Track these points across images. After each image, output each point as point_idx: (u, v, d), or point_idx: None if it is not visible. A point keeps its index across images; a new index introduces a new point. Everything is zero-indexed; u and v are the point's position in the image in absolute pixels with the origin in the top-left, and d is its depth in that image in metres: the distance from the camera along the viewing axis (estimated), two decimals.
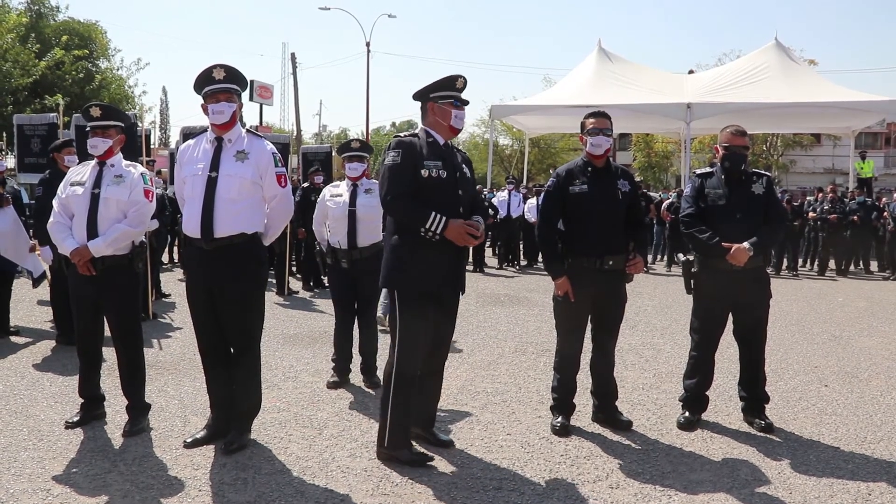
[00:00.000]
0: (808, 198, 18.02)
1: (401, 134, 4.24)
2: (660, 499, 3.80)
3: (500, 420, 5.00)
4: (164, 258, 12.41)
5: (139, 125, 9.20)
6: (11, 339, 7.23)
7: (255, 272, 4.37)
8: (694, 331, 5.02)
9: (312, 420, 4.93)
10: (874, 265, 15.67)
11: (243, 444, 4.34)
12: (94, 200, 4.56)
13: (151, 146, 11.89)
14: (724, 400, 5.42)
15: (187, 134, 8.34)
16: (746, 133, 4.96)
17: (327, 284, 9.61)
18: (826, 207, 15.49)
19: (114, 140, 4.67)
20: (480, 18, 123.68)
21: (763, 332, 4.98)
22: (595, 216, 4.66)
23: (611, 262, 4.66)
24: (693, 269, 4.96)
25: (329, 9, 36.93)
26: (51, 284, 7.59)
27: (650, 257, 16.05)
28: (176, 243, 13.68)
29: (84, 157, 6.73)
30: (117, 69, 30.25)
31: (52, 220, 4.69)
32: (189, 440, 4.40)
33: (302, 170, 13.42)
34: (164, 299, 9.76)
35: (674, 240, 14.60)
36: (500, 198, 16.21)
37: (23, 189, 9.41)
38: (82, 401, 4.80)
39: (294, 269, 12.03)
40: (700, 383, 4.96)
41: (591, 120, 4.76)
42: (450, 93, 4.27)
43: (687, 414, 4.96)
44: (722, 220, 4.77)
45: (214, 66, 4.26)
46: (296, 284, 11.28)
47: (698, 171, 5.07)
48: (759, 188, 4.85)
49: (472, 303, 10.14)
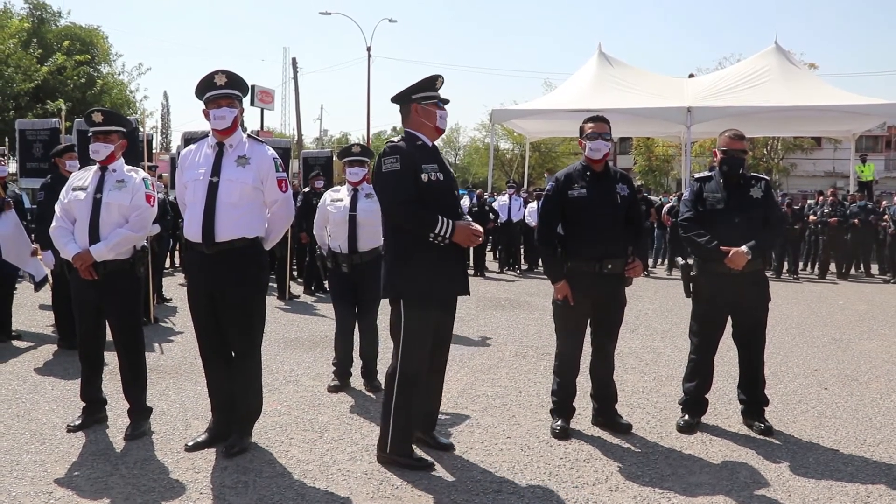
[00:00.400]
0: (808, 201, 18.03)
1: (394, 140, 4.24)
2: (659, 501, 3.81)
3: (500, 423, 5.02)
4: (166, 263, 12.42)
5: (141, 130, 9.23)
6: (13, 343, 7.27)
7: (256, 276, 4.39)
8: (693, 334, 5.03)
9: (313, 423, 4.95)
10: (875, 268, 15.68)
11: (244, 447, 4.36)
12: (96, 205, 4.58)
13: (153, 151, 11.90)
14: (724, 403, 5.43)
15: (189, 139, 8.37)
16: (744, 137, 4.98)
17: (328, 288, 9.65)
18: (826, 211, 15.50)
19: (115, 145, 4.70)
20: (480, 22, 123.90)
21: (762, 335, 4.99)
22: (594, 220, 4.67)
23: (610, 266, 4.68)
24: (692, 273, 4.98)
25: (330, 13, 37.21)
26: (52, 289, 7.62)
27: (651, 261, 16.05)
28: (177, 248, 13.73)
29: (85, 161, 6.78)
30: (119, 74, 30.45)
31: (54, 224, 4.71)
32: (190, 443, 4.42)
33: (303, 174, 13.45)
34: (165, 304, 9.80)
35: (674, 244, 14.60)
36: (500, 202, 16.21)
37: (24, 193, 9.45)
38: (84, 404, 4.82)
39: (295, 273, 12.05)
40: (699, 386, 4.98)
41: (590, 124, 4.79)
42: (432, 93, 4.27)
43: (686, 417, 4.97)
44: (720, 224, 4.78)
45: (216, 72, 4.29)
46: (297, 289, 11.31)
47: (697, 175, 5.09)
48: (757, 192, 4.86)
49: (472, 307, 10.15)
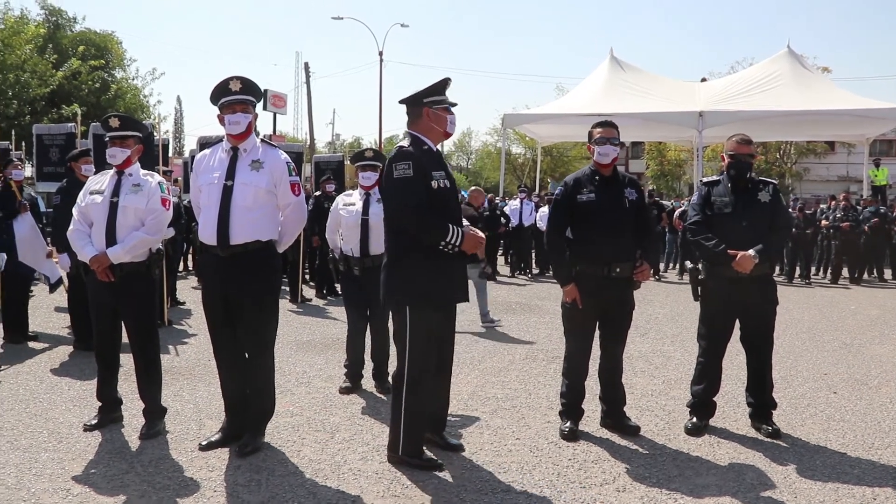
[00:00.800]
0: (820, 205, 17.96)
1: (403, 145, 4.22)
2: (666, 502, 3.85)
3: (510, 425, 5.07)
4: (179, 266, 12.54)
5: (156, 135, 9.35)
6: (29, 345, 7.37)
7: (269, 279, 4.47)
8: (701, 337, 5.07)
9: (325, 424, 5.01)
10: (888, 273, 15.60)
11: (257, 446, 4.43)
12: (113, 209, 4.67)
13: (169, 155, 12.00)
14: (733, 406, 5.46)
15: (204, 143, 8.48)
16: (752, 142, 5.01)
17: (340, 292, 9.72)
18: (838, 215, 15.46)
19: (132, 150, 4.79)
20: (492, 27, 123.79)
21: (770, 339, 5.02)
22: (603, 224, 4.72)
23: (618, 270, 4.72)
24: (700, 277, 5.02)
25: (342, 18, 37.76)
26: (68, 291, 7.73)
27: (662, 265, 16.05)
28: (190, 251, 13.84)
29: (101, 166, 6.89)
30: (133, 79, 30.73)
31: (71, 227, 4.80)
32: (204, 443, 4.50)
33: (315, 178, 13.55)
34: (179, 306, 9.90)
35: (686, 248, 14.60)
36: (512, 206, 16.26)
37: (39, 197, 9.58)
38: (100, 404, 4.91)
39: (307, 276, 12.14)
40: (707, 389, 5.01)
41: (599, 129, 4.84)
42: (443, 97, 4.29)
43: (694, 419, 5.00)
44: (728, 228, 4.82)
45: (231, 78, 4.37)
46: (309, 292, 11.39)
47: (704, 180, 5.13)
48: (765, 196, 4.90)
49: None
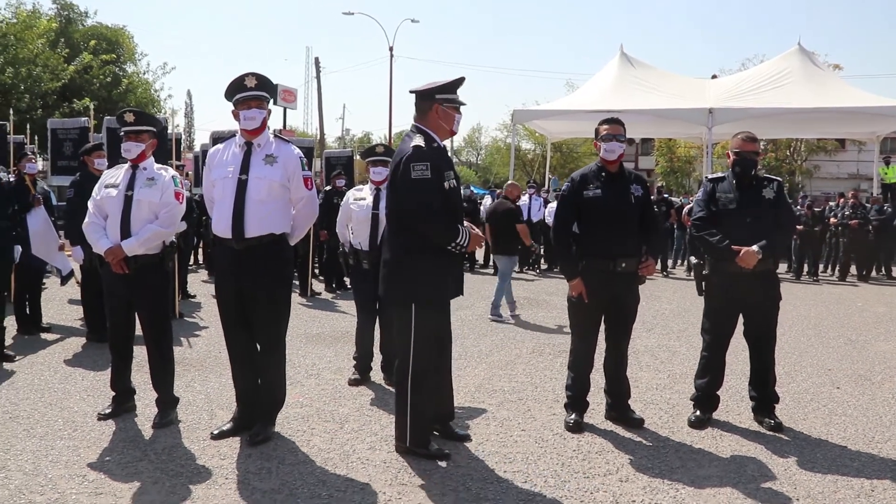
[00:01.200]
0: (829, 203, 17.93)
1: (419, 144, 4.18)
2: (667, 492, 3.93)
3: (516, 417, 5.15)
4: (190, 260, 12.66)
5: (169, 129, 9.44)
6: (42, 336, 7.48)
7: (282, 271, 4.57)
8: (705, 332, 5.14)
9: (334, 415, 5.10)
10: None
11: (268, 436, 4.53)
12: (128, 202, 4.76)
13: (181, 149, 12.13)
14: (736, 400, 5.52)
15: (217, 138, 8.58)
16: (757, 139, 5.07)
17: (349, 286, 9.80)
18: (847, 213, 15.45)
19: (146, 144, 4.88)
20: (502, 23, 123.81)
21: (773, 334, 5.08)
22: (608, 219, 4.79)
23: (624, 265, 4.80)
24: (704, 272, 5.09)
25: (353, 14, 37.48)
26: (80, 283, 7.84)
27: (670, 262, 16.08)
28: (201, 245, 13.96)
29: (113, 159, 6.99)
30: (144, 73, 30.86)
31: (87, 220, 4.89)
32: (216, 432, 4.59)
33: (325, 173, 13.65)
34: (189, 299, 10.01)
35: (692, 244, 14.60)
36: (521, 202, 16.27)
37: (51, 191, 9.69)
38: (114, 394, 5.01)
39: (317, 270, 12.23)
40: (711, 383, 5.08)
41: (605, 126, 4.91)
42: (455, 96, 4.35)
43: (698, 412, 5.07)
44: (732, 224, 4.88)
45: (246, 75, 4.46)
46: (318, 286, 11.49)
47: (710, 176, 5.19)
48: (769, 192, 4.95)
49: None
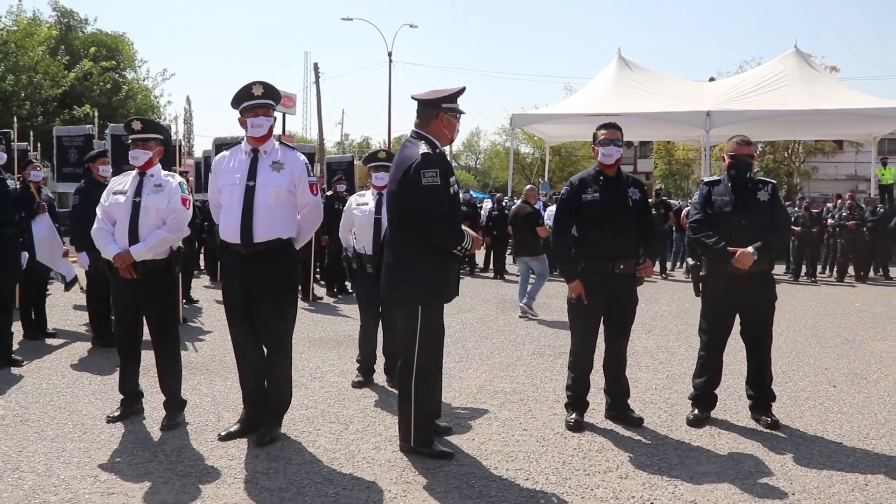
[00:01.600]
0: (827, 204, 18.04)
1: (427, 151, 4.23)
2: (666, 488, 4.02)
3: (517, 417, 5.24)
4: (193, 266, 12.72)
5: (172, 136, 9.53)
6: (47, 342, 7.56)
7: (288, 274, 4.67)
8: (702, 332, 5.24)
9: (339, 416, 5.19)
10: (894, 271, 15.68)
11: (275, 436, 4.62)
12: (136, 208, 4.85)
13: (182, 155, 12.19)
14: (734, 399, 5.61)
15: (220, 145, 8.67)
16: (752, 143, 5.18)
17: (350, 290, 9.89)
18: (844, 214, 15.56)
19: (153, 152, 4.98)
20: (501, 27, 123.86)
21: (769, 333, 5.17)
22: (607, 222, 4.89)
23: (622, 266, 4.90)
24: (701, 273, 5.19)
25: (352, 19, 37.98)
26: (84, 289, 7.92)
27: (669, 264, 16.18)
28: (203, 251, 14.02)
29: (118, 166, 7.08)
30: (143, 80, 30.93)
31: (95, 226, 4.98)
32: (223, 433, 4.68)
33: (326, 179, 13.80)
34: (193, 304, 10.10)
35: (689, 246, 14.71)
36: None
37: (54, 198, 9.78)
38: (122, 397, 5.09)
39: (318, 275, 12.31)
40: (708, 382, 5.18)
41: (603, 131, 5.01)
42: (457, 105, 4.45)
43: (696, 411, 5.17)
44: (728, 226, 4.98)
45: (254, 83, 4.57)
46: (319, 291, 11.58)
47: (706, 179, 5.30)
48: (764, 195, 5.05)
49: (492, 308, 10.40)
